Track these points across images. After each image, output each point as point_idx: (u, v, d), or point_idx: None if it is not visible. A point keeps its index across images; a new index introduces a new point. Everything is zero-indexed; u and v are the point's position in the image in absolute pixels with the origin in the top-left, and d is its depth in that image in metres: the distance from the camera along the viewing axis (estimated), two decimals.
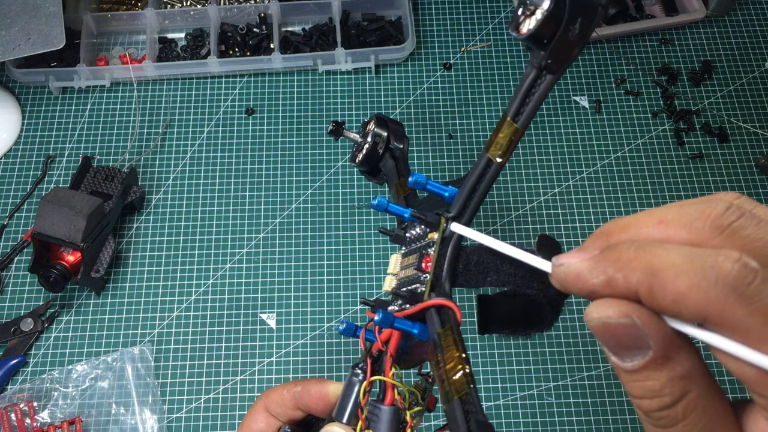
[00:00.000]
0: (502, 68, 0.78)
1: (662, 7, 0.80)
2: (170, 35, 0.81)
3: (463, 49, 0.80)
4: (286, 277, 0.68)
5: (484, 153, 0.32)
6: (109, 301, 0.67)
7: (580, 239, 0.69)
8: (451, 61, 0.79)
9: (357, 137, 0.49)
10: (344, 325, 0.35)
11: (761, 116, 0.76)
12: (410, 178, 0.35)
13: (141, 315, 0.66)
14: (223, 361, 0.65)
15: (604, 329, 0.24)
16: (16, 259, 0.69)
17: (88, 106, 0.76)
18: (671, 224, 0.24)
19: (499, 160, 0.32)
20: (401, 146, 0.48)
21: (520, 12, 0.29)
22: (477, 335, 0.39)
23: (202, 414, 0.63)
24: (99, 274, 0.65)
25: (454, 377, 0.28)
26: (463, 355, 0.29)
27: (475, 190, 0.33)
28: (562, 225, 0.70)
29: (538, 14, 0.28)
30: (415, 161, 0.73)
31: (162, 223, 0.70)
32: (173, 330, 0.66)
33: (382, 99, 0.77)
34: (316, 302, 0.67)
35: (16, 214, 0.71)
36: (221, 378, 0.64)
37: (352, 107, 0.76)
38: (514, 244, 0.30)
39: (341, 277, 0.68)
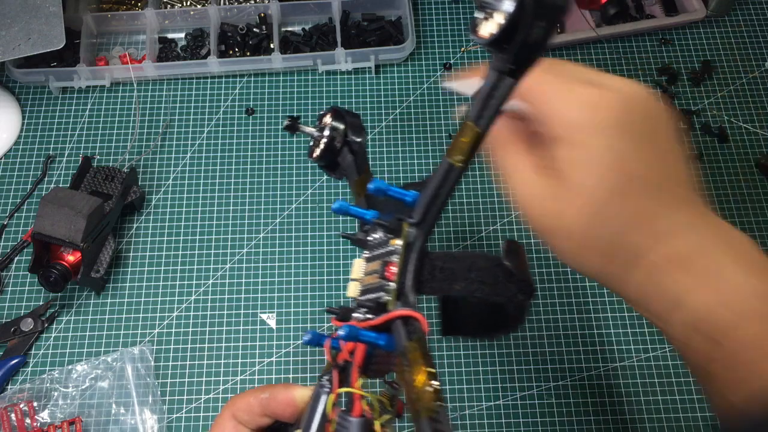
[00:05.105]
0: None
1: (662, 7, 0.80)
2: (170, 35, 0.81)
3: (463, 49, 0.80)
4: (286, 277, 0.68)
5: (445, 158, 0.32)
6: (109, 301, 0.67)
7: None
8: (451, 61, 0.79)
9: (313, 131, 0.48)
10: (309, 336, 0.34)
11: (761, 116, 0.76)
12: (370, 185, 0.34)
13: (141, 315, 0.66)
14: (223, 361, 0.65)
15: None
16: (16, 259, 0.69)
17: (88, 106, 0.76)
18: None
19: (460, 165, 0.32)
20: (359, 140, 0.47)
21: (480, 15, 0.28)
22: (445, 338, 0.39)
23: (202, 414, 0.63)
24: (99, 274, 0.65)
25: (422, 394, 0.28)
26: (431, 371, 0.28)
27: (437, 195, 0.33)
28: None
29: (499, 18, 0.27)
30: (416, 161, 0.73)
31: (162, 223, 0.70)
32: (173, 330, 0.66)
33: (382, 99, 0.77)
34: (316, 302, 0.67)
35: (16, 214, 0.71)
36: (221, 378, 0.64)
37: (352, 107, 0.76)
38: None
39: (341, 277, 0.68)
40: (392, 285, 0.33)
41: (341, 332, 0.31)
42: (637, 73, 0.78)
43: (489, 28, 0.28)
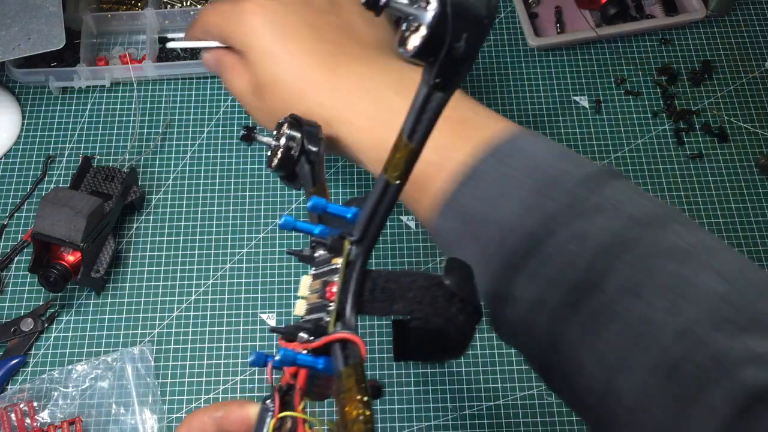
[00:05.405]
0: (503, 68, 0.78)
1: (662, 7, 0.81)
2: (170, 35, 0.81)
3: None
4: (286, 277, 0.68)
5: (381, 174, 0.31)
6: (109, 301, 0.67)
7: None
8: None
9: (271, 141, 0.48)
10: (253, 357, 0.33)
11: (761, 116, 0.76)
12: (309, 203, 0.33)
13: (141, 315, 0.66)
14: (223, 361, 0.65)
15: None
16: (16, 259, 0.69)
17: (88, 106, 0.76)
18: None
19: (396, 182, 0.31)
20: (315, 149, 0.46)
21: (404, 27, 0.28)
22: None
23: None
24: (99, 274, 0.65)
25: (353, 424, 0.27)
26: (365, 399, 0.27)
27: (376, 212, 0.32)
28: None
29: (422, 30, 0.26)
30: None
31: (162, 223, 0.70)
32: (173, 330, 0.66)
33: None
34: None
35: (16, 214, 0.71)
36: (221, 378, 0.64)
37: None
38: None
39: None
40: (332, 306, 0.32)
41: (277, 357, 0.31)
42: (637, 73, 0.78)
43: (414, 41, 0.27)
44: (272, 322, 0.66)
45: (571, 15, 0.81)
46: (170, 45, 0.70)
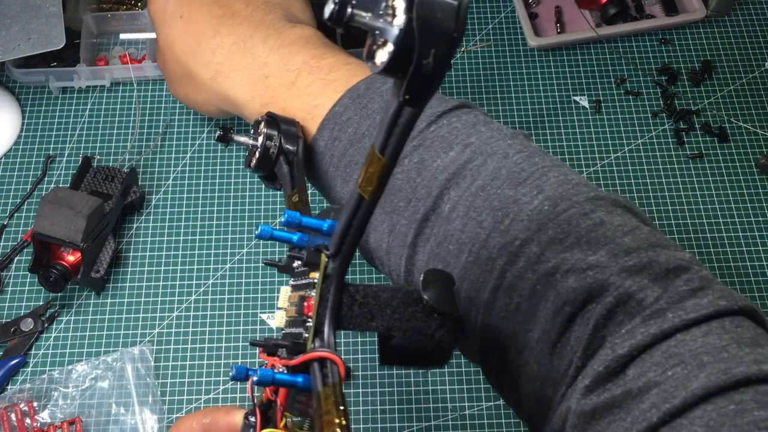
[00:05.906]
0: (503, 68, 0.78)
1: (662, 7, 0.81)
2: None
3: (463, 49, 0.80)
4: (286, 277, 0.68)
5: (356, 187, 0.30)
6: (109, 301, 0.67)
7: None
8: (452, 61, 0.79)
9: (248, 141, 0.47)
10: (234, 371, 0.33)
11: (761, 116, 0.76)
12: (282, 217, 0.33)
13: (141, 315, 0.66)
14: (223, 361, 0.65)
15: None
16: (16, 259, 0.69)
17: (88, 106, 0.76)
18: None
19: (370, 197, 0.29)
20: (293, 148, 0.46)
21: (370, 41, 0.26)
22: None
23: None
24: (99, 274, 0.65)
25: None
26: (343, 423, 0.26)
27: (350, 226, 0.31)
28: None
29: (389, 46, 0.25)
30: None
31: (162, 223, 0.70)
32: (173, 330, 0.66)
33: None
34: None
35: (16, 214, 0.71)
36: (221, 378, 0.64)
37: None
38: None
39: None
40: (310, 322, 0.31)
41: (255, 378, 0.30)
42: (637, 72, 0.78)
43: (381, 56, 0.26)
44: (272, 323, 0.66)
45: (571, 15, 0.81)
46: (122, 36, 0.75)
